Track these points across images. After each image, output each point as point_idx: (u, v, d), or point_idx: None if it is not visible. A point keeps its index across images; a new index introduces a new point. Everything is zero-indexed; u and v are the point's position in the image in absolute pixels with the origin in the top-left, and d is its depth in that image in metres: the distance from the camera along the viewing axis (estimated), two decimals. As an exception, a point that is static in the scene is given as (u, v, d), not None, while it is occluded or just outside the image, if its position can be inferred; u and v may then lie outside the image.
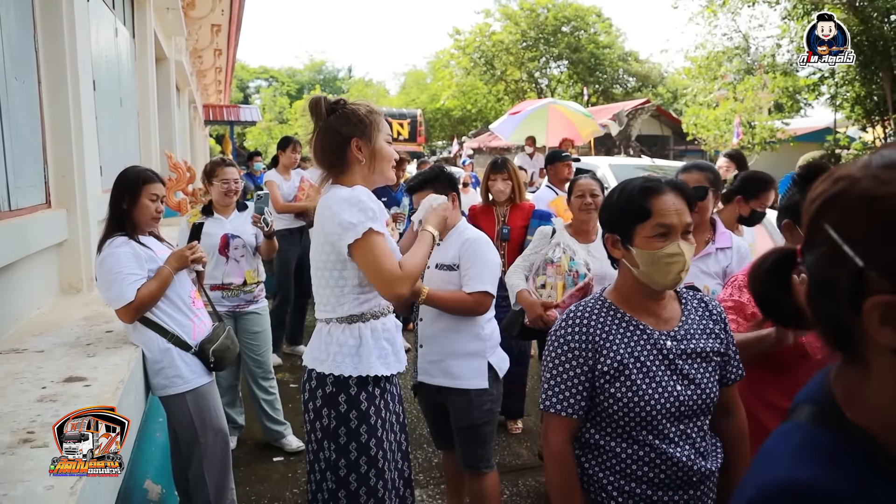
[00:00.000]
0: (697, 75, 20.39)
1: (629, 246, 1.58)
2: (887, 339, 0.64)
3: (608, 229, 1.65)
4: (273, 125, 43.92)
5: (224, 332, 2.74)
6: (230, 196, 3.61)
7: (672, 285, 1.58)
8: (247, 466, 3.57)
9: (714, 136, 17.75)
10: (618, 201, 1.61)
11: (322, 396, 1.97)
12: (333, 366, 1.96)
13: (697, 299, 1.72)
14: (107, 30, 5.04)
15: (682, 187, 1.60)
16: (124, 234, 2.51)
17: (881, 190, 0.64)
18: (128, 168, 2.65)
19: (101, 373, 2.12)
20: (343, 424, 1.95)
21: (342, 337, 1.97)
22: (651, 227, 1.54)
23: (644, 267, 1.55)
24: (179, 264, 2.59)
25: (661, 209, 1.54)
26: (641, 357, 1.57)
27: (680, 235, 1.54)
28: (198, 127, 18.02)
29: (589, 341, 1.59)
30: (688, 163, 2.76)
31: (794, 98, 20.22)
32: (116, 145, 5.18)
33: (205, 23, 11.70)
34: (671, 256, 1.52)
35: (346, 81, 56.69)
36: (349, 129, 1.98)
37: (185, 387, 2.57)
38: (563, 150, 5.42)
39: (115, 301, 2.40)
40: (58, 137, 3.23)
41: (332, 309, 1.99)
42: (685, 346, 1.60)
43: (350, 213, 1.86)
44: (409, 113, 23.78)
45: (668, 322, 1.63)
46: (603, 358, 1.58)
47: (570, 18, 30.02)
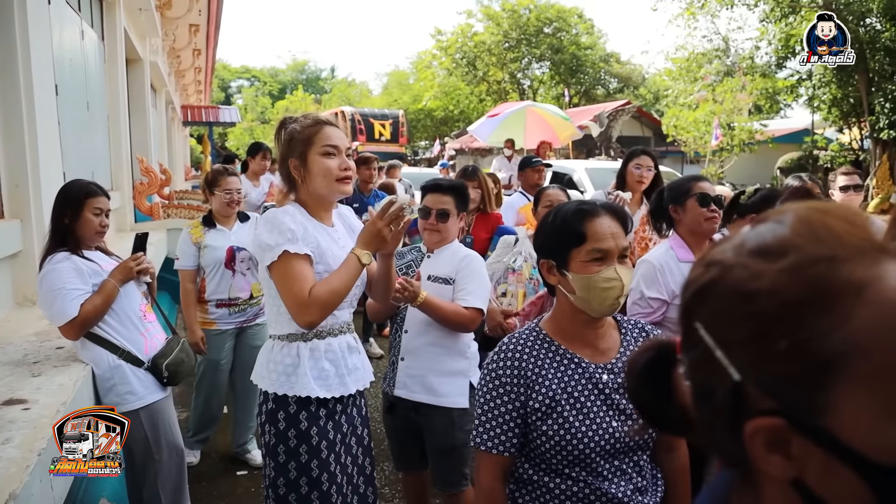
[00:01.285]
0: (678, 77, 20.54)
1: (565, 271, 1.52)
2: (776, 470, 0.51)
3: (543, 254, 1.60)
4: (255, 125, 43.59)
5: (178, 345, 2.68)
6: (232, 206, 3.53)
7: (609, 311, 1.53)
8: (209, 481, 3.50)
9: (694, 137, 17.87)
10: (552, 225, 1.56)
11: (265, 412, 1.95)
12: (269, 383, 1.94)
13: (639, 328, 1.66)
14: (72, 32, 4.94)
15: (618, 210, 1.56)
16: (66, 250, 2.43)
17: (753, 285, 0.51)
18: (70, 181, 2.58)
19: (43, 394, 2.05)
20: (282, 442, 1.92)
21: (279, 355, 1.94)
22: (586, 251, 1.49)
23: (580, 292, 1.50)
24: (124, 276, 2.51)
25: (597, 233, 1.49)
26: (575, 392, 1.51)
27: (616, 259, 1.50)
28: (176, 128, 17.83)
29: (521, 376, 1.52)
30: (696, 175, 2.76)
31: (773, 99, 20.42)
32: (83, 150, 5.08)
33: (182, 23, 11.56)
34: (608, 281, 1.48)
35: (329, 81, 56.46)
36: (286, 150, 1.97)
37: (138, 403, 2.50)
38: (533, 156, 5.41)
39: (58, 318, 2.33)
40: (11, 147, 3.15)
41: (273, 325, 1.98)
42: (623, 380, 1.52)
43: (268, 234, 1.84)
44: (391, 114, 23.68)
45: (605, 353, 1.57)
46: (535, 394, 1.51)
47: (552, 19, 30.10)
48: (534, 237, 1.64)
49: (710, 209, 2.53)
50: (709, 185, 2.62)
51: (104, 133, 6.25)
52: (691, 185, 2.61)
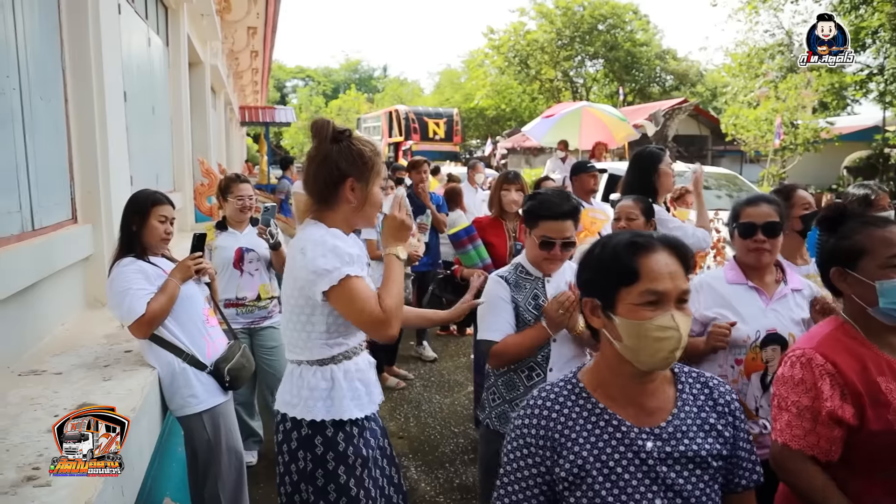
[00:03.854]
0: (738, 73, 19.93)
1: (611, 314, 1.31)
2: None
3: (586, 292, 1.38)
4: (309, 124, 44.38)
5: (239, 350, 2.74)
6: (245, 212, 3.62)
7: (662, 366, 1.29)
8: (266, 483, 3.57)
9: (754, 136, 17.29)
10: (599, 258, 1.34)
11: (298, 439, 1.90)
12: (305, 410, 1.88)
13: (701, 382, 1.40)
14: (139, 40, 5.11)
15: (678, 245, 1.32)
16: (133, 255, 2.53)
17: None
18: (138, 191, 2.67)
19: (113, 399, 2.11)
20: (320, 467, 1.88)
21: (313, 380, 1.89)
22: (639, 292, 1.26)
23: (628, 341, 1.28)
24: (183, 274, 2.58)
25: (653, 271, 1.26)
26: (610, 462, 1.29)
27: (674, 304, 1.27)
28: (234, 128, 18.31)
29: (547, 437, 1.32)
30: (753, 195, 2.37)
31: (840, 96, 19.60)
32: (148, 154, 5.25)
33: (240, 26, 11.87)
34: (662, 329, 1.25)
35: (382, 80, 57.01)
36: (348, 167, 1.86)
37: (201, 407, 2.56)
38: (587, 161, 5.31)
39: (127, 316, 2.41)
40: (84, 153, 3.26)
41: (300, 351, 1.91)
42: (672, 449, 1.29)
43: (325, 258, 1.77)
44: (445, 112, 23.71)
45: (652, 415, 1.33)
46: (562, 460, 1.30)
47: (606, 16, 29.65)
48: (578, 271, 1.43)
49: (755, 239, 2.20)
50: (759, 211, 2.23)
51: (167, 136, 6.45)
52: (739, 210, 2.29)
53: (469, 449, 4.07)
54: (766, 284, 2.24)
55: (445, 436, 4.27)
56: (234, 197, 3.59)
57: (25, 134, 2.64)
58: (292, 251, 1.89)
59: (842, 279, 1.70)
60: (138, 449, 2.08)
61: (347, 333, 1.91)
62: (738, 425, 1.37)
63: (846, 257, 1.67)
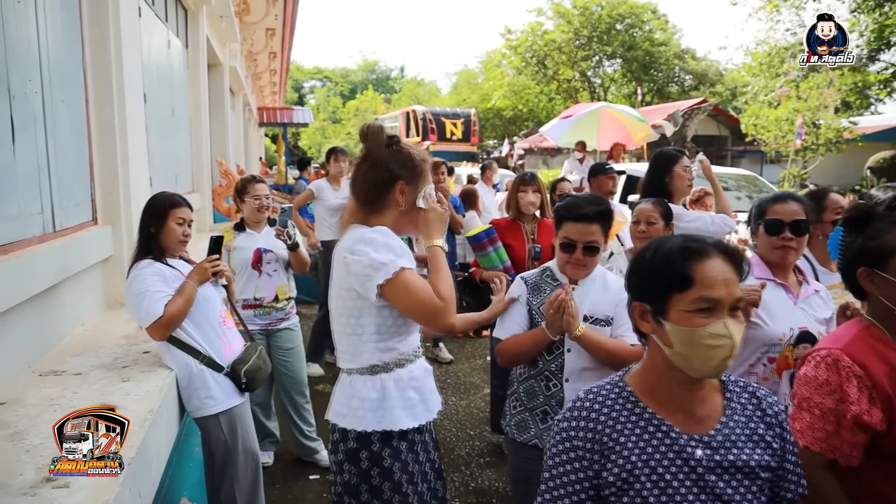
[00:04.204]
0: (758, 72, 19.66)
1: (662, 319, 1.28)
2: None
3: (636, 296, 1.35)
4: (326, 125, 44.61)
5: (256, 352, 2.75)
6: (262, 211, 3.64)
7: (713, 374, 1.27)
8: (283, 483, 3.58)
9: (775, 136, 17.06)
10: (651, 262, 1.32)
11: (344, 451, 1.87)
12: (354, 421, 1.84)
13: (749, 391, 1.37)
14: (159, 42, 5.16)
15: (733, 252, 1.29)
16: (151, 257, 2.55)
17: None
18: (156, 194, 2.69)
19: (131, 401, 2.13)
20: (364, 482, 1.85)
21: (363, 390, 1.85)
22: (692, 299, 1.24)
23: (679, 347, 1.25)
24: (200, 277, 2.60)
25: (707, 278, 1.23)
26: (659, 468, 1.26)
27: (728, 312, 1.24)
28: (252, 128, 18.45)
29: (595, 441, 1.29)
30: (779, 192, 2.31)
31: (863, 95, 19.27)
32: (167, 155, 5.30)
33: (259, 27, 11.95)
34: (715, 338, 1.22)
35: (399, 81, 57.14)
36: (399, 169, 1.87)
37: (218, 408, 2.58)
38: (605, 163, 5.27)
39: (145, 318, 2.42)
40: (104, 155, 3.30)
41: (351, 358, 1.89)
42: (721, 458, 1.27)
43: (377, 253, 1.76)
44: (462, 113, 23.66)
45: (702, 422, 1.30)
46: (610, 464, 1.27)
47: (624, 16, 29.46)
48: (627, 275, 1.41)
49: (782, 237, 2.16)
50: (787, 208, 2.19)
51: (186, 137, 6.50)
52: (766, 207, 2.24)
53: (485, 452, 4.05)
54: (791, 283, 2.21)
55: (461, 438, 4.25)
56: (250, 197, 3.62)
57: (47, 136, 2.67)
58: (338, 255, 1.86)
59: (869, 279, 1.66)
60: (155, 450, 2.09)
61: (400, 337, 1.88)
62: (787, 437, 1.36)
63: (874, 257, 1.63)
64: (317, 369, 5.37)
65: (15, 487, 1.56)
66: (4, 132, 2.31)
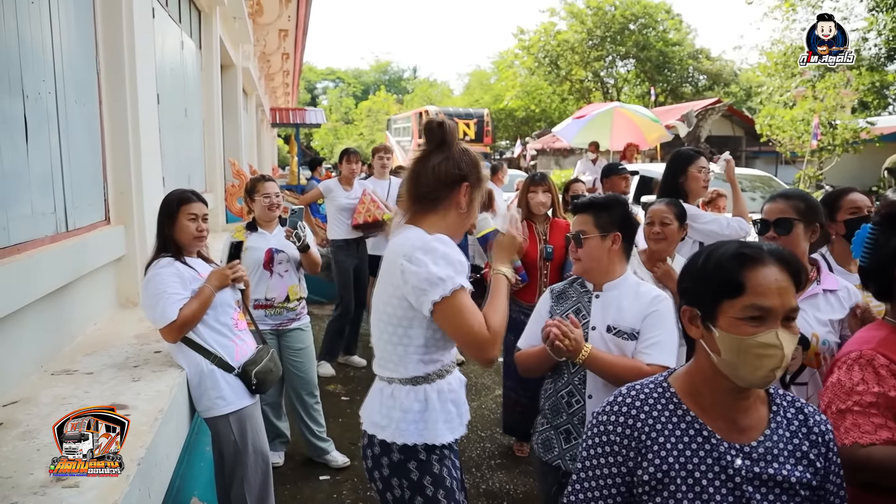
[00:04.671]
0: (773, 72, 19.45)
1: (711, 325, 1.25)
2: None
3: (686, 300, 1.32)
4: (339, 125, 44.75)
5: (267, 354, 2.75)
6: (273, 210, 3.65)
7: (761, 384, 1.24)
8: (293, 484, 3.58)
9: (790, 137, 16.87)
10: (703, 267, 1.28)
11: (389, 465, 1.80)
12: (397, 434, 1.77)
13: (796, 407, 1.33)
14: (172, 43, 5.18)
15: (790, 260, 1.24)
16: (169, 256, 2.55)
17: None
18: (169, 192, 2.70)
19: (142, 400, 2.13)
20: (418, 493, 1.78)
21: (406, 401, 1.78)
22: (743, 306, 1.20)
23: (727, 355, 1.22)
24: (220, 283, 2.61)
25: (760, 285, 1.20)
26: (696, 473, 1.24)
27: (780, 322, 1.21)
28: (265, 129, 18.53)
29: (632, 437, 1.27)
30: (774, 193, 2.33)
31: (881, 94, 19.04)
32: (180, 155, 5.32)
33: (272, 28, 11.99)
34: (765, 347, 1.19)
35: (411, 82, 57.20)
36: (468, 170, 1.81)
37: (228, 408, 2.58)
38: (618, 163, 5.24)
39: (159, 320, 2.43)
40: (117, 155, 3.31)
41: (394, 367, 1.81)
42: (761, 470, 1.24)
43: (437, 266, 1.66)
44: (475, 113, 23.59)
45: (744, 432, 1.27)
46: (645, 462, 1.25)
47: (637, 16, 29.29)
48: (679, 278, 1.38)
49: (767, 236, 2.20)
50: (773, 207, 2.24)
51: (199, 138, 6.53)
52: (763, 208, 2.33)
53: (496, 454, 4.03)
54: None
55: (472, 440, 4.23)
56: (260, 196, 3.63)
57: (61, 136, 2.69)
58: (393, 258, 1.77)
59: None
60: (165, 450, 2.09)
61: (444, 349, 1.82)
62: (831, 457, 1.31)
63: None
64: (329, 369, 5.38)
65: (25, 486, 1.56)
66: (18, 133, 2.32)
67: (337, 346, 5.56)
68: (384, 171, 6.08)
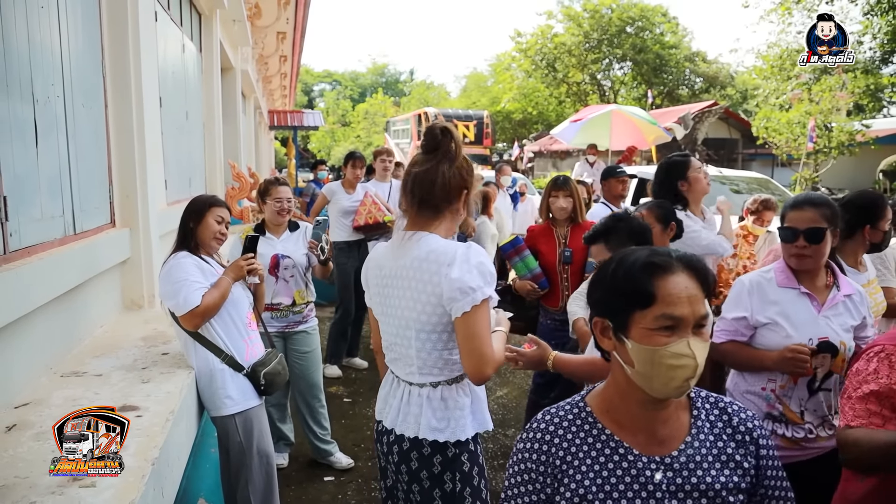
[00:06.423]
0: (769, 75, 19.57)
1: (623, 337, 1.21)
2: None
3: (597, 311, 1.28)
4: (336, 128, 44.75)
5: (276, 357, 2.77)
6: (283, 215, 3.65)
7: (675, 394, 1.20)
8: (298, 485, 3.60)
9: (786, 139, 16.97)
10: (613, 278, 1.25)
11: (442, 462, 1.83)
12: (457, 431, 1.81)
13: (719, 408, 1.30)
14: (174, 46, 5.20)
15: (698, 267, 1.22)
16: (188, 250, 2.63)
17: None
18: (199, 195, 2.79)
19: (153, 402, 2.15)
20: (468, 485, 1.84)
21: (459, 399, 1.84)
22: (654, 316, 1.17)
23: (640, 367, 1.19)
24: (236, 274, 2.66)
25: (670, 295, 1.17)
26: (615, 493, 1.20)
27: (691, 330, 1.17)
28: (263, 131, 18.53)
29: (548, 464, 1.24)
30: (799, 197, 2.27)
31: (876, 97, 19.16)
32: (182, 158, 5.34)
33: (270, 31, 12.00)
34: (677, 357, 1.15)
35: (408, 84, 57.26)
36: (469, 178, 1.87)
37: (235, 408, 2.60)
38: (617, 166, 5.25)
39: (182, 306, 2.46)
40: (122, 158, 3.33)
41: (439, 371, 1.83)
42: (684, 481, 1.20)
43: (471, 275, 1.70)
44: (475, 114, 23.53)
45: (663, 443, 1.23)
46: (563, 488, 1.22)
47: (634, 19, 29.40)
48: (588, 289, 1.34)
49: (796, 245, 2.12)
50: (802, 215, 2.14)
51: (200, 140, 6.55)
52: (784, 214, 2.22)
53: (498, 454, 4.05)
54: (818, 289, 2.18)
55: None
56: (272, 199, 3.63)
57: (69, 140, 2.71)
58: (419, 261, 1.78)
59: None
60: (177, 451, 2.12)
61: None
62: (763, 454, 1.27)
63: None
64: (335, 371, 5.40)
65: (43, 486, 1.58)
66: (28, 136, 2.34)
67: (341, 348, 5.57)
68: (386, 174, 6.09)
